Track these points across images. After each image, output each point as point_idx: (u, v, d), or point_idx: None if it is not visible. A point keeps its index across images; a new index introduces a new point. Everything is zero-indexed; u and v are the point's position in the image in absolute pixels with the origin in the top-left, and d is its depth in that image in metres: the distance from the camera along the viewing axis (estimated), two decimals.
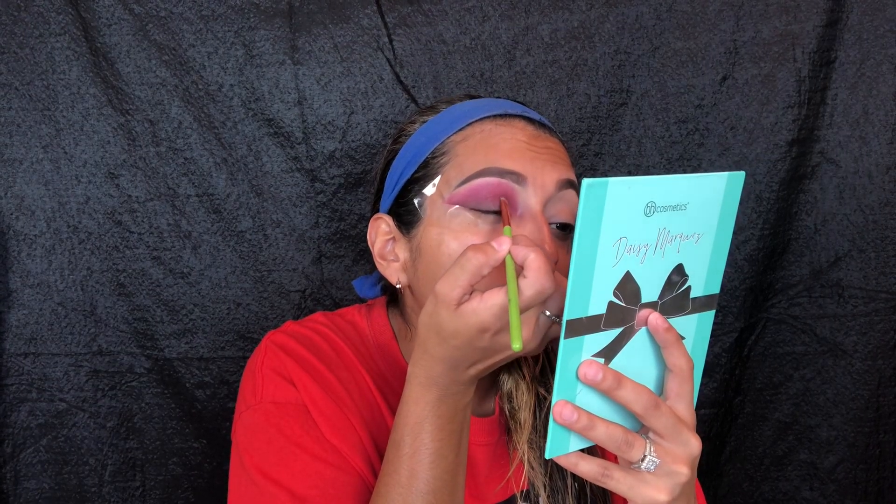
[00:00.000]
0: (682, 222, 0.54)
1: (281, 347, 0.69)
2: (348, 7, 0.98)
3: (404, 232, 0.69)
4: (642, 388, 0.54)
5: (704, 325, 0.60)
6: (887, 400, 1.09)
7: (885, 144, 1.04)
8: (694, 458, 0.56)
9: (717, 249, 0.58)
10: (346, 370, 0.69)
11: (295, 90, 1.00)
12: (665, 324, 0.55)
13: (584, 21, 1.01)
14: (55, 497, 1.03)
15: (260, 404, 0.66)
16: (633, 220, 0.52)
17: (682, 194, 0.53)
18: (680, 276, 0.56)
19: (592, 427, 0.53)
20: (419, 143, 0.70)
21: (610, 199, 0.50)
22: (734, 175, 0.56)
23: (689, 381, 0.56)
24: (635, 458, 0.55)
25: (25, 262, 0.99)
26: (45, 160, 0.98)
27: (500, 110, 0.69)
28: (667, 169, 1.04)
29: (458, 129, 0.68)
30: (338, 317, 0.75)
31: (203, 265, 1.01)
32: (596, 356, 0.55)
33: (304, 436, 0.64)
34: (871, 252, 1.06)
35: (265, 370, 0.67)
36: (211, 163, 1.00)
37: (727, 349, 1.08)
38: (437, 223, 0.66)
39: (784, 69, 1.02)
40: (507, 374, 0.73)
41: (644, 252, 0.53)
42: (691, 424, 0.56)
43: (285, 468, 0.63)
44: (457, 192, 0.65)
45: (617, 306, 0.54)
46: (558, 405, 0.53)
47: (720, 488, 1.13)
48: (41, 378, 1.01)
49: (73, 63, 0.97)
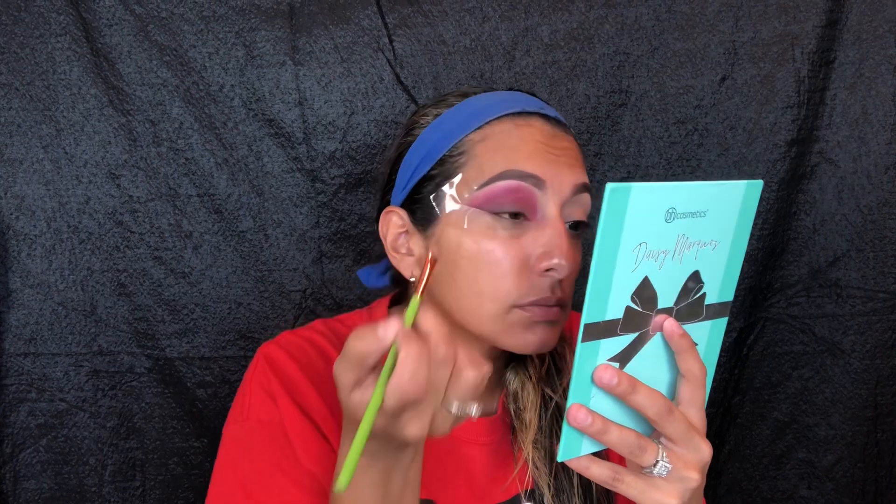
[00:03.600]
0: (701, 229, 0.54)
1: (270, 363, 0.68)
2: (349, 8, 0.99)
3: (420, 228, 0.69)
4: (656, 394, 0.54)
5: (717, 332, 0.60)
6: (885, 399, 1.09)
7: (883, 145, 1.04)
8: (705, 464, 0.56)
9: (733, 257, 0.58)
10: (333, 383, 0.68)
11: (295, 91, 1.00)
12: (680, 330, 0.55)
13: (583, 22, 1.01)
14: (55, 497, 1.03)
15: (247, 421, 0.67)
16: (653, 226, 0.51)
17: (702, 201, 0.53)
18: (696, 283, 0.56)
19: (606, 431, 0.53)
20: (434, 139, 0.68)
21: (632, 204, 0.49)
22: (752, 184, 0.56)
23: (702, 387, 0.56)
24: (647, 463, 0.55)
25: (26, 262, 0.99)
26: (45, 160, 0.98)
27: (518, 108, 0.67)
28: (666, 169, 1.04)
29: (476, 127, 0.67)
30: (338, 323, 0.75)
31: (204, 265, 1.01)
32: (611, 360, 0.55)
33: (282, 458, 0.64)
34: (870, 252, 1.06)
35: (254, 385, 0.68)
36: (212, 163, 1.00)
37: (726, 349, 1.08)
38: (456, 225, 0.65)
39: (783, 69, 1.02)
40: (513, 374, 0.73)
41: (663, 258, 0.53)
42: (702, 430, 0.56)
43: (263, 489, 0.63)
44: (477, 194, 0.64)
45: (634, 311, 0.54)
46: (573, 408, 0.53)
47: (719, 487, 1.13)
48: (41, 378, 1.01)
49: (73, 63, 0.97)
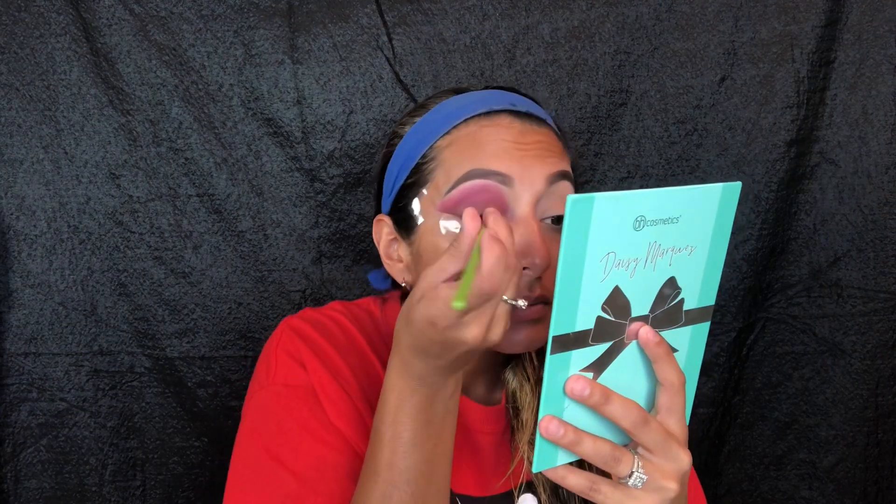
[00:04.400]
0: (674, 235, 0.53)
1: (296, 331, 0.70)
2: (347, 6, 0.99)
3: (404, 236, 0.70)
4: (631, 404, 0.54)
5: (699, 338, 0.60)
6: (886, 399, 1.09)
7: (883, 145, 1.04)
8: (684, 474, 0.56)
9: (712, 261, 0.57)
10: (357, 357, 0.70)
11: (294, 89, 1.00)
12: (656, 338, 0.55)
13: (584, 21, 1.01)
14: (55, 497, 1.03)
15: (272, 385, 0.67)
16: (621, 235, 0.51)
17: (674, 207, 0.52)
18: (672, 289, 0.56)
19: (579, 442, 0.54)
20: (410, 147, 0.70)
21: (597, 214, 0.49)
22: (729, 186, 0.55)
23: (680, 395, 0.56)
24: (623, 474, 0.55)
25: (26, 262, 0.99)
26: (45, 160, 0.99)
27: (484, 108, 0.67)
28: (666, 169, 1.04)
29: (445, 132, 0.67)
30: (355, 306, 0.77)
31: (204, 265, 1.01)
32: (585, 370, 0.54)
33: (311, 419, 0.65)
34: (870, 252, 1.06)
35: (279, 353, 0.68)
36: (211, 163, 1.00)
37: (726, 349, 1.08)
38: (432, 231, 0.66)
39: (783, 70, 1.02)
40: (512, 374, 0.73)
41: (634, 266, 0.52)
42: (682, 439, 0.56)
43: (290, 449, 0.64)
44: (446, 199, 0.65)
45: (606, 321, 0.53)
46: (545, 420, 0.53)
47: (719, 488, 1.13)
48: (41, 378, 1.01)
49: (73, 63, 0.97)
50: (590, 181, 1.04)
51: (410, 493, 0.57)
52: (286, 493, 0.62)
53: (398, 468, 0.57)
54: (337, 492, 0.63)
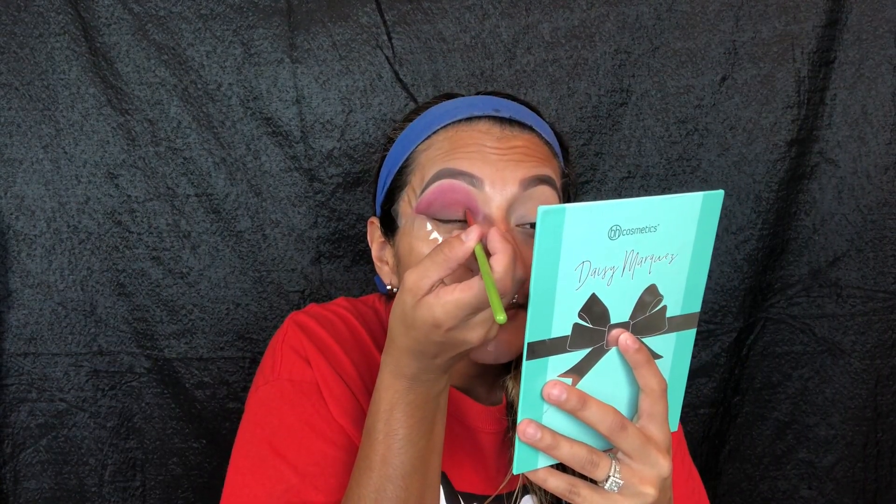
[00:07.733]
0: (653, 244, 0.54)
1: (301, 327, 0.71)
2: (347, 5, 0.98)
3: (389, 239, 0.72)
4: (608, 409, 0.54)
5: (685, 344, 0.60)
6: (885, 399, 1.09)
7: (883, 145, 1.04)
8: (663, 479, 0.57)
9: (696, 268, 0.57)
10: (361, 353, 0.71)
11: (293, 89, 0.99)
12: (635, 344, 0.55)
13: (584, 20, 1.01)
14: (55, 497, 1.03)
15: (277, 380, 0.68)
16: (596, 244, 0.51)
17: (651, 216, 0.53)
18: (653, 297, 0.56)
19: (556, 446, 0.55)
20: (396, 152, 0.71)
21: (568, 225, 0.49)
22: (710, 195, 0.55)
23: (661, 401, 0.57)
24: (600, 478, 0.56)
25: (25, 262, 0.99)
26: (44, 160, 0.98)
27: (466, 113, 0.68)
28: (666, 169, 1.04)
29: (426, 137, 0.68)
30: (360, 302, 0.78)
31: (202, 265, 1.01)
32: (564, 375, 0.55)
33: (313, 414, 0.66)
34: (870, 252, 1.06)
35: (284, 348, 0.70)
36: (210, 162, 1.00)
37: (726, 349, 1.08)
38: (408, 233, 0.67)
39: (783, 69, 1.02)
40: (512, 382, 0.73)
41: (611, 275, 0.53)
42: (662, 445, 0.57)
43: (292, 444, 0.65)
44: (419, 201, 0.66)
45: (583, 328, 0.54)
46: (523, 423, 0.54)
47: (719, 487, 1.13)
48: (41, 378, 1.01)
49: (72, 63, 0.97)
50: (590, 181, 1.04)
51: (405, 487, 0.58)
52: (286, 487, 0.63)
53: (392, 464, 0.58)
54: (337, 487, 0.64)
